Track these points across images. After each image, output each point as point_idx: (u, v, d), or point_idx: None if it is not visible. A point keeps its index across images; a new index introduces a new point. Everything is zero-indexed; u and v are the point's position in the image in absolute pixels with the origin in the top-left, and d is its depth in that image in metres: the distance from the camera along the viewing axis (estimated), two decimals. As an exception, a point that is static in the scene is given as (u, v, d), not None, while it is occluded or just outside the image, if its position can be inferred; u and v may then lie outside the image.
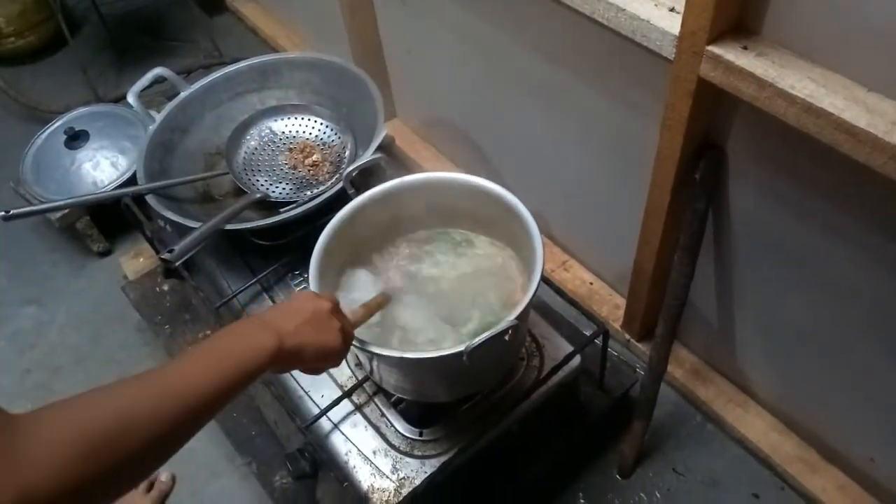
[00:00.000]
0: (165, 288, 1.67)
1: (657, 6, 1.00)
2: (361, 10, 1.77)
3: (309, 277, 1.02)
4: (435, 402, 1.12)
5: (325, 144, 1.47)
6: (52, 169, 1.81)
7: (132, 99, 1.45)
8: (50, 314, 1.81)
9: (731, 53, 0.90)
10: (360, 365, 1.18)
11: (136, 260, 1.78)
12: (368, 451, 1.10)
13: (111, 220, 1.87)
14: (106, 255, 1.91)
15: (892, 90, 0.81)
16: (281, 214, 1.26)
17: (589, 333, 1.20)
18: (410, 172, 1.16)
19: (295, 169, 1.44)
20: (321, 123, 1.48)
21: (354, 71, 1.46)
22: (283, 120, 1.49)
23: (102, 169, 1.80)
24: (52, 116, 1.94)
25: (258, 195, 1.35)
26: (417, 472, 1.08)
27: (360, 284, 1.12)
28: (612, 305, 1.57)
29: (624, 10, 1.01)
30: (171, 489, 1.43)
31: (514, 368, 1.18)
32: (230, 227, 1.25)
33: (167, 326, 1.61)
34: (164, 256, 1.13)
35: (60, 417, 0.51)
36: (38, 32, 2.49)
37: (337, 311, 0.82)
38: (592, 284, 1.61)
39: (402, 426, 1.12)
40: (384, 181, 1.14)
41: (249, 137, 1.47)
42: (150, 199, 1.30)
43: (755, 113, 0.92)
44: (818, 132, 0.84)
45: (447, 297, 1.12)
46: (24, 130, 2.09)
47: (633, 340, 1.52)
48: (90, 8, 2.41)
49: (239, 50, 2.31)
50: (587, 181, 1.45)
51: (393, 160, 1.23)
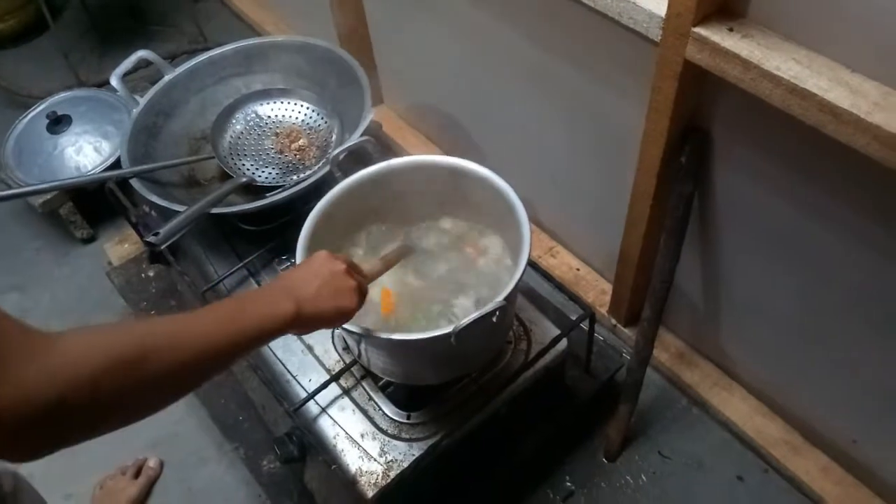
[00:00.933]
0: (151, 274, 1.66)
1: (644, -12, 1.00)
2: (348, -6, 1.76)
3: (296, 260, 1.02)
4: (423, 385, 1.12)
5: (311, 129, 1.46)
6: (34, 154, 1.79)
7: (115, 82, 1.43)
8: (34, 301, 1.79)
9: (716, 35, 0.90)
10: (347, 349, 1.18)
11: (120, 246, 1.76)
12: (356, 434, 1.11)
13: (95, 206, 1.85)
14: (90, 241, 1.89)
15: (874, 71, 0.82)
16: (267, 198, 1.25)
17: (575, 318, 1.20)
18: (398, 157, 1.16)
19: (281, 153, 1.43)
20: (307, 107, 1.47)
21: (341, 54, 1.45)
22: (269, 104, 1.48)
23: (86, 154, 1.78)
24: (33, 101, 1.91)
25: (244, 179, 1.34)
26: (405, 454, 1.08)
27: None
28: (598, 291, 1.58)
29: (611, -9, 1.01)
30: (158, 475, 1.43)
31: (501, 352, 1.18)
32: (216, 211, 1.24)
33: (153, 312, 1.60)
34: (149, 240, 1.12)
35: (86, 338, 0.55)
36: (18, 16, 2.44)
37: (351, 270, 0.84)
38: (579, 270, 1.62)
39: (389, 409, 1.12)
40: (371, 165, 1.14)
41: (235, 121, 1.45)
42: (134, 182, 1.29)
43: (740, 95, 0.92)
44: (803, 113, 0.85)
45: (435, 279, 1.12)
46: (4, 116, 2.06)
47: (619, 326, 1.53)
48: (72, -9, 2.38)
49: (224, 35, 2.28)
50: (574, 166, 1.45)
51: (380, 146, 1.22)
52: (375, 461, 1.08)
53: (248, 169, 1.40)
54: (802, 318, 1.17)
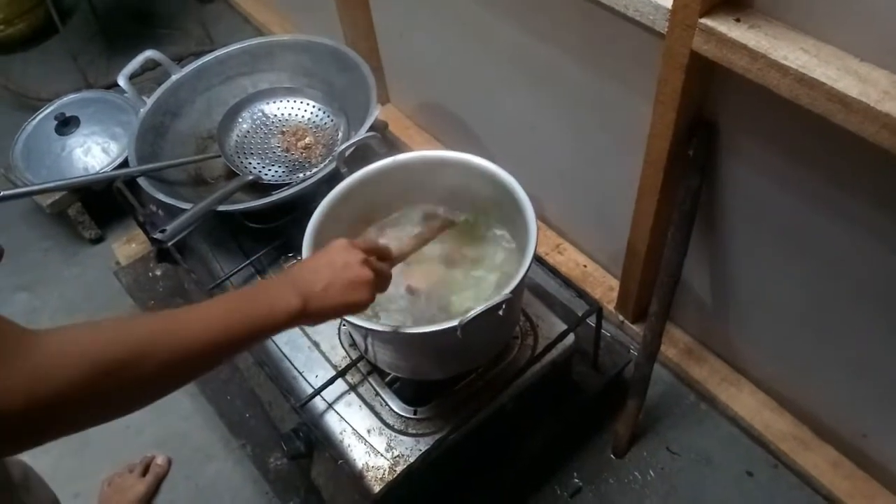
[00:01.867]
0: (158, 273, 1.66)
1: (649, -20, 1.00)
2: (353, -7, 1.77)
3: (303, 257, 1.02)
4: (429, 380, 1.12)
5: (317, 127, 1.46)
6: (42, 155, 1.80)
7: (123, 82, 1.43)
8: (42, 301, 1.80)
9: (723, 26, 0.90)
10: (354, 344, 1.18)
11: (128, 245, 1.77)
12: (363, 429, 1.11)
13: (103, 206, 1.86)
14: (98, 242, 1.90)
15: (883, 59, 0.81)
16: (273, 196, 1.26)
17: (583, 313, 1.20)
18: (404, 154, 1.16)
19: (287, 151, 1.44)
20: (313, 106, 1.48)
21: (347, 52, 1.45)
22: (275, 103, 1.48)
23: (94, 155, 1.79)
24: (41, 104, 1.93)
25: (250, 177, 1.34)
26: (412, 450, 1.08)
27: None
28: (605, 287, 1.58)
29: (616, -16, 1.01)
30: (166, 472, 1.43)
31: (508, 347, 1.18)
32: (222, 208, 1.24)
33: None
34: (156, 237, 1.13)
35: (74, 337, 0.53)
36: (27, 20, 2.46)
37: (370, 260, 0.81)
38: (586, 267, 1.62)
39: (396, 405, 1.12)
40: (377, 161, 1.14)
41: (241, 120, 1.46)
42: (142, 181, 1.30)
43: (748, 86, 0.92)
44: (811, 103, 0.84)
45: (441, 274, 1.12)
46: (13, 118, 2.07)
47: (626, 322, 1.52)
48: (80, -5, 2.39)
49: (230, 37, 2.29)
50: (580, 162, 1.45)
51: (386, 145, 1.22)
52: (382, 456, 1.08)
53: (254, 167, 1.40)
54: (811, 311, 1.17)
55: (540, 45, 1.32)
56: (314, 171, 1.32)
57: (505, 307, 0.91)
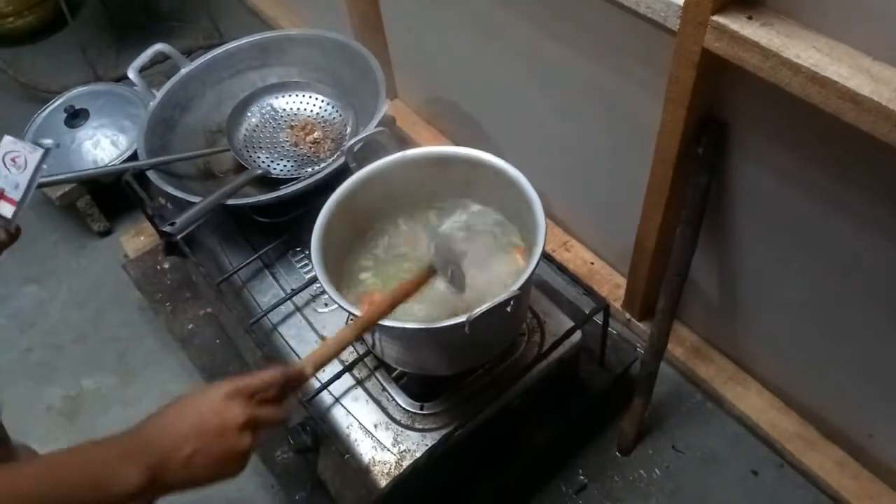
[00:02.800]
0: (166, 266, 1.67)
1: (661, -23, 0.99)
2: (363, -12, 1.77)
3: (311, 251, 1.02)
4: (436, 375, 1.12)
5: (326, 122, 1.46)
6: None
7: (133, 75, 1.44)
8: (51, 293, 1.81)
9: (735, 23, 0.89)
10: (361, 340, 1.18)
11: (136, 238, 1.78)
12: (370, 424, 1.11)
13: (111, 199, 1.87)
14: (106, 234, 1.91)
15: (896, 58, 0.81)
16: (282, 190, 1.26)
17: (590, 310, 1.20)
18: (412, 149, 1.16)
19: (296, 146, 1.44)
20: (322, 100, 1.48)
21: (356, 47, 1.45)
22: (284, 97, 1.48)
23: (103, 147, 1.80)
24: (51, 96, 1.93)
25: (259, 171, 1.35)
26: (418, 444, 1.08)
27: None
28: (612, 285, 1.57)
29: (628, -19, 1.01)
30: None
31: (515, 344, 1.18)
32: (231, 202, 1.24)
33: (168, 304, 1.61)
34: (165, 229, 1.14)
35: None
36: (37, 12, 2.47)
37: (253, 417, 0.64)
38: (593, 264, 1.61)
39: (403, 400, 1.12)
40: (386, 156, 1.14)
41: (251, 114, 1.46)
42: (151, 174, 1.30)
43: (759, 84, 0.92)
44: (822, 101, 0.84)
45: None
46: (23, 110, 2.08)
47: (633, 320, 1.52)
48: (90, -12, 2.40)
49: (239, 30, 2.27)
50: (589, 159, 1.44)
51: (395, 140, 1.22)
52: (388, 451, 1.08)
53: (263, 161, 1.40)
54: (819, 310, 1.16)
55: (550, 41, 1.31)
56: (323, 165, 1.32)
57: (513, 304, 0.91)
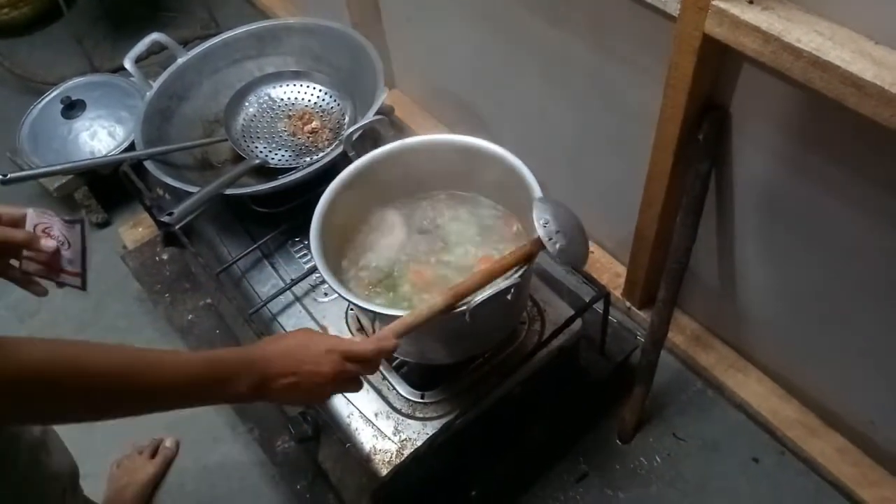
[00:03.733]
0: (165, 257, 1.66)
1: (662, -38, 0.99)
2: (360, -24, 1.75)
3: (311, 241, 1.02)
4: (437, 364, 1.12)
5: (324, 111, 1.46)
6: (49, 138, 1.80)
7: (129, 65, 1.43)
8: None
9: (736, 8, 0.88)
10: (361, 329, 1.18)
11: (135, 230, 1.77)
12: (370, 413, 1.11)
13: (109, 190, 1.86)
14: (104, 226, 1.91)
15: (899, 42, 0.80)
16: (280, 180, 1.25)
17: (590, 298, 1.20)
18: (411, 138, 1.15)
19: (294, 136, 1.43)
20: (320, 90, 1.47)
21: (353, 36, 1.44)
22: (281, 86, 1.47)
23: (100, 138, 1.79)
24: (47, 88, 1.92)
25: (257, 161, 1.34)
26: (419, 433, 1.08)
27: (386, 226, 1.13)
28: (612, 274, 1.57)
29: (628, -34, 1.00)
30: (174, 455, 1.44)
31: (515, 332, 1.18)
32: (230, 191, 1.24)
33: (167, 295, 1.60)
34: (164, 219, 1.13)
35: (41, 348, 0.61)
36: (32, 3, 2.45)
37: (345, 370, 0.79)
38: (593, 253, 1.61)
39: (403, 389, 1.12)
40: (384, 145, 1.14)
41: (248, 104, 1.45)
42: (148, 164, 1.29)
43: (760, 70, 0.91)
44: (824, 86, 0.83)
45: (450, 260, 1.11)
46: (19, 102, 2.07)
47: (633, 308, 1.52)
48: (85, -22, 2.38)
49: (236, 20, 2.24)
50: (589, 147, 1.44)
51: (393, 128, 1.22)
52: (389, 440, 1.08)
53: (261, 151, 1.40)
54: (819, 298, 1.16)
55: (549, 28, 1.31)
56: (321, 155, 1.31)
57: (513, 292, 0.90)
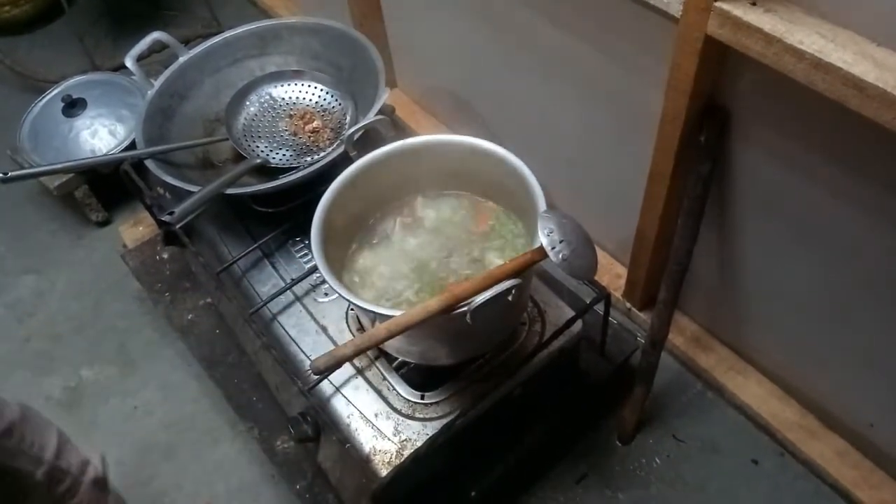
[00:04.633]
0: (165, 256, 1.66)
1: (664, -37, 0.98)
2: (362, -24, 1.75)
3: (311, 241, 1.02)
4: (437, 365, 1.12)
5: (325, 111, 1.46)
6: (49, 137, 1.80)
7: (130, 63, 1.42)
8: (49, 283, 1.80)
9: (739, 9, 0.88)
10: (361, 329, 1.18)
11: (135, 229, 1.77)
12: (370, 413, 1.11)
13: (109, 189, 1.86)
14: (105, 224, 1.91)
15: (902, 45, 0.80)
16: (281, 179, 1.25)
17: (590, 300, 1.19)
18: (412, 138, 1.15)
19: (295, 135, 1.43)
20: (321, 89, 1.47)
21: (355, 35, 1.44)
22: (283, 86, 1.47)
23: (101, 137, 1.79)
24: (48, 86, 1.92)
25: (258, 161, 1.34)
26: (419, 434, 1.08)
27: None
28: (613, 275, 1.57)
29: (630, -33, 1.00)
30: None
31: (515, 333, 1.17)
32: (231, 191, 1.24)
33: (167, 294, 1.60)
34: (164, 219, 1.13)
35: None
36: (34, 1, 2.45)
37: None
38: (594, 254, 1.61)
39: (403, 389, 1.12)
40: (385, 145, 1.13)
41: (249, 103, 1.45)
42: (149, 163, 1.29)
43: (762, 71, 0.91)
44: (826, 88, 0.83)
45: (450, 261, 1.11)
46: (20, 100, 2.07)
47: (634, 309, 1.52)
48: (86, -24, 2.38)
49: (237, 19, 2.24)
50: (590, 149, 1.44)
51: (395, 128, 1.22)
52: (389, 440, 1.08)
53: (262, 151, 1.39)
54: (820, 300, 1.16)
55: (551, 29, 1.30)
56: (322, 154, 1.31)
57: (514, 292, 0.90)
